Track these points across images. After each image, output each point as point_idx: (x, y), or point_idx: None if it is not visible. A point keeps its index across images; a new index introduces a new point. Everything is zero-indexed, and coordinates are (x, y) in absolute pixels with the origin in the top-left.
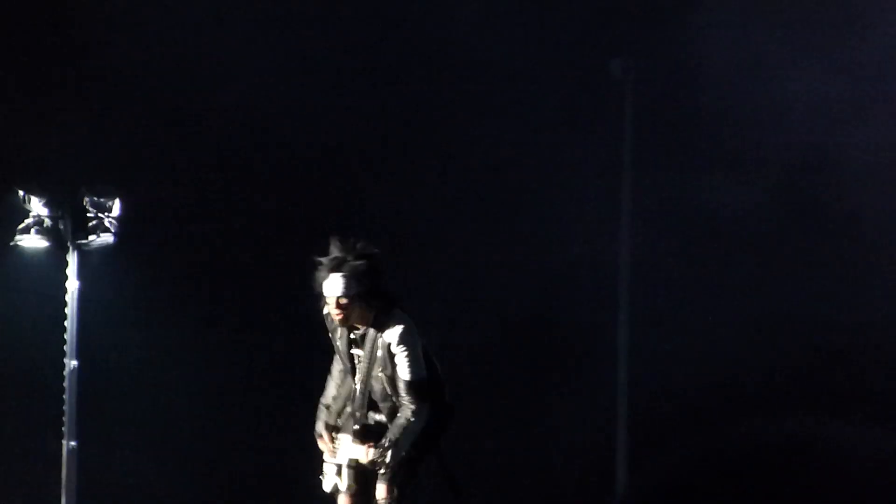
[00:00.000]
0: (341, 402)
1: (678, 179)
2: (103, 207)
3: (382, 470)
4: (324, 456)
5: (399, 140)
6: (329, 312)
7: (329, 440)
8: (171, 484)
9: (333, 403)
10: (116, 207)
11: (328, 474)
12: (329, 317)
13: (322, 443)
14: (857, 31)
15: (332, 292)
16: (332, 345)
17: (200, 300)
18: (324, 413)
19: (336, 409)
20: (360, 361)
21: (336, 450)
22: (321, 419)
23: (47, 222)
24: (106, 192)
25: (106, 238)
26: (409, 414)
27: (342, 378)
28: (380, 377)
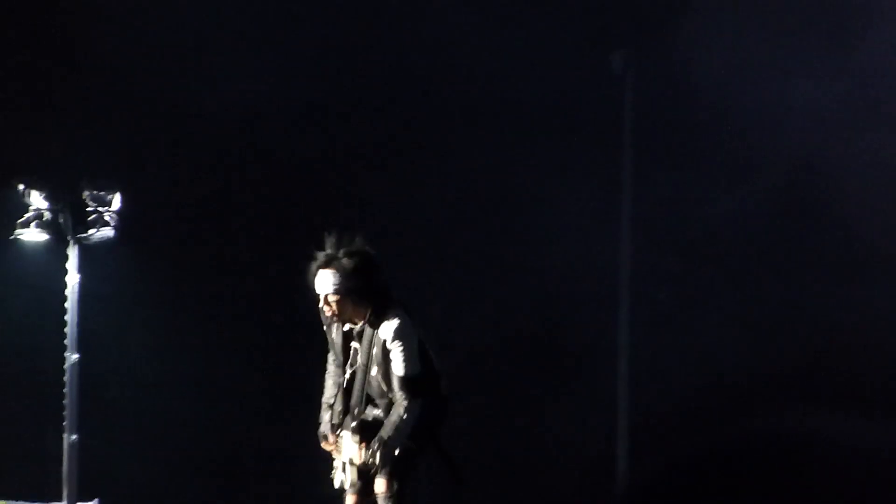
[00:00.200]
0: (341, 399)
1: (678, 177)
2: (103, 201)
3: (374, 471)
4: (332, 453)
5: (399, 140)
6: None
7: (333, 440)
8: (171, 476)
9: (335, 400)
10: (116, 201)
11: (337, 470)
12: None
13: (326, 445)
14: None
15: (322, 289)
16: (328, 339)
17: (200, 293)
18: (327, 413)
19: (338, 409)
20: (358, 356)
21: (340, 447)
22: (325, 420)
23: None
24: (106, 186)
25: (106, 232)
26: (402, 410)
27: (339, 373)
28: (375, 373)
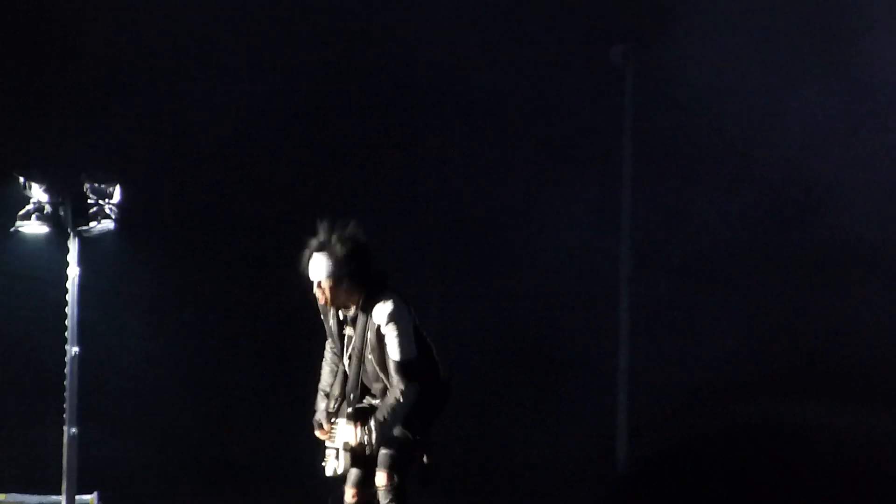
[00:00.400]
0: (338, 386)
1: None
2: (104, 194)
3: (369, 451)
4: (325, 441)
5: (396, 139)
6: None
7: (328, 428)
8: (170, 468)
9: (331, 388)
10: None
11: (329, 458)
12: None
13: (320, 433)
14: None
15: (315, 275)
16: (325, 327)
17: (200, 286)
18: (323, 401)
19: (335, 395)
20: (352, 342)
21: (334, 434)
22: (321, 408)
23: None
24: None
25: (106, 224)
26: (398, 394)
27: (336, 360)
28: (370, 358)
